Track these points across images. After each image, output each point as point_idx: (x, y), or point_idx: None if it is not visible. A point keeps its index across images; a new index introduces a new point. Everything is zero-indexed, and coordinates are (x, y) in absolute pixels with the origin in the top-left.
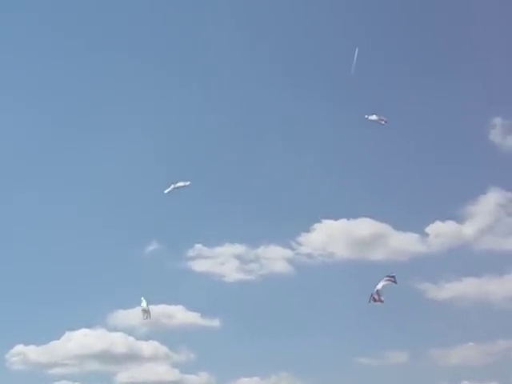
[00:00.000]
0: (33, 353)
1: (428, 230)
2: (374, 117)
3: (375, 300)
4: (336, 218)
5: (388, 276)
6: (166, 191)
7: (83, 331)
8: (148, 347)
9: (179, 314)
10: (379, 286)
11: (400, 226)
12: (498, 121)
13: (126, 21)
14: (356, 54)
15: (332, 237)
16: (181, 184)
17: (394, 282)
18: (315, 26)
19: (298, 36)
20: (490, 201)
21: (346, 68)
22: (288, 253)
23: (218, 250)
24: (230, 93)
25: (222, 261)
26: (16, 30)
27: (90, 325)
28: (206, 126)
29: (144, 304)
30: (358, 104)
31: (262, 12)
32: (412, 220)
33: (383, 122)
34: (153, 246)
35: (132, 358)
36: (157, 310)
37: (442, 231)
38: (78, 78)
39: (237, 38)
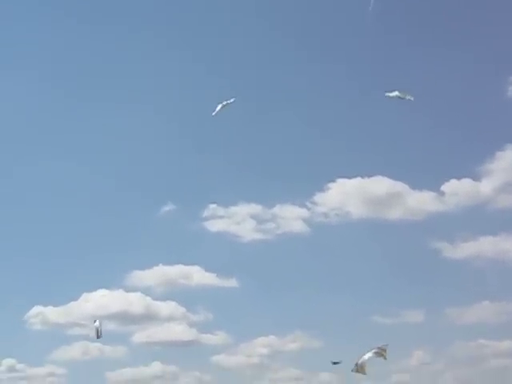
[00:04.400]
0: (51, 313)
1: (444, 188)
2: (395, 93)
3: (357, 371)
4: (350, 177)
5: (378, 348)
6: (214, 113)
7: (101, 292)
8: (165, 307)
9: (196, 275)
10: (366, 357)
11: (416, 184)
12: None
13: None
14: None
15: (347, 196)
16: (226, 102)
17: (384, 356)
18: None
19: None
20: (508, 158)
21: (357, 32)
22: (304, 212)
23: (233, 209)
24: (245, 59)
25: (237, 220)
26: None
27: (107, 285)
28: (220, 89)
29: (97, 323)
30: (371, 67)
31: None
32: (428, 178)
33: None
34: (168, 207)
35: (149, 318)
36: (173, 270)
37: (458, 189)
38: (96, 48)
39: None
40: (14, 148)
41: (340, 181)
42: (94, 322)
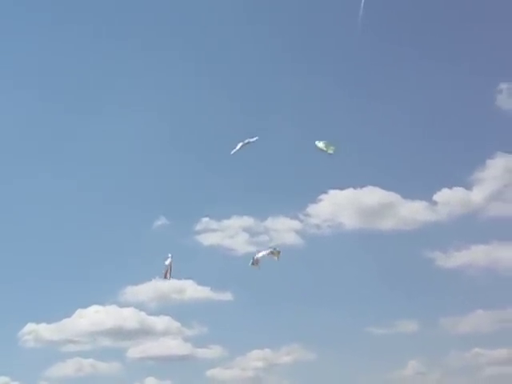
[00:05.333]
0: (45, 331)
1: (436, 197)
2: (321, 144)
3: (253, 264)
4: (342, 188)
5: (273, 248)
6: (233, 152)
7: (94, 308)
8: (160, 322)
9: (190, 289)
10: (260, 254)
11: (408, 194)
12: (504, 86)
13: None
14: (362, 7)
15: (340, 207)
16: (248, 141)
17: (276, 257)
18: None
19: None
20: (498, 166)
21: (348, 43)
22: (296, 224)
23: (226, 222)
24: (238, 69)
25: (230, 234)
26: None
27: (101, 301)
28: (212, 101)
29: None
30: (363, 78)
31: None
32: (420, 188)
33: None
34: (160, 221)
35: (144, 333)
36: (167, 285)
37: (450, 198)
38: (88, 58)
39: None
40: (8, 165)
41: (332, 192)
42: (168, 258)
